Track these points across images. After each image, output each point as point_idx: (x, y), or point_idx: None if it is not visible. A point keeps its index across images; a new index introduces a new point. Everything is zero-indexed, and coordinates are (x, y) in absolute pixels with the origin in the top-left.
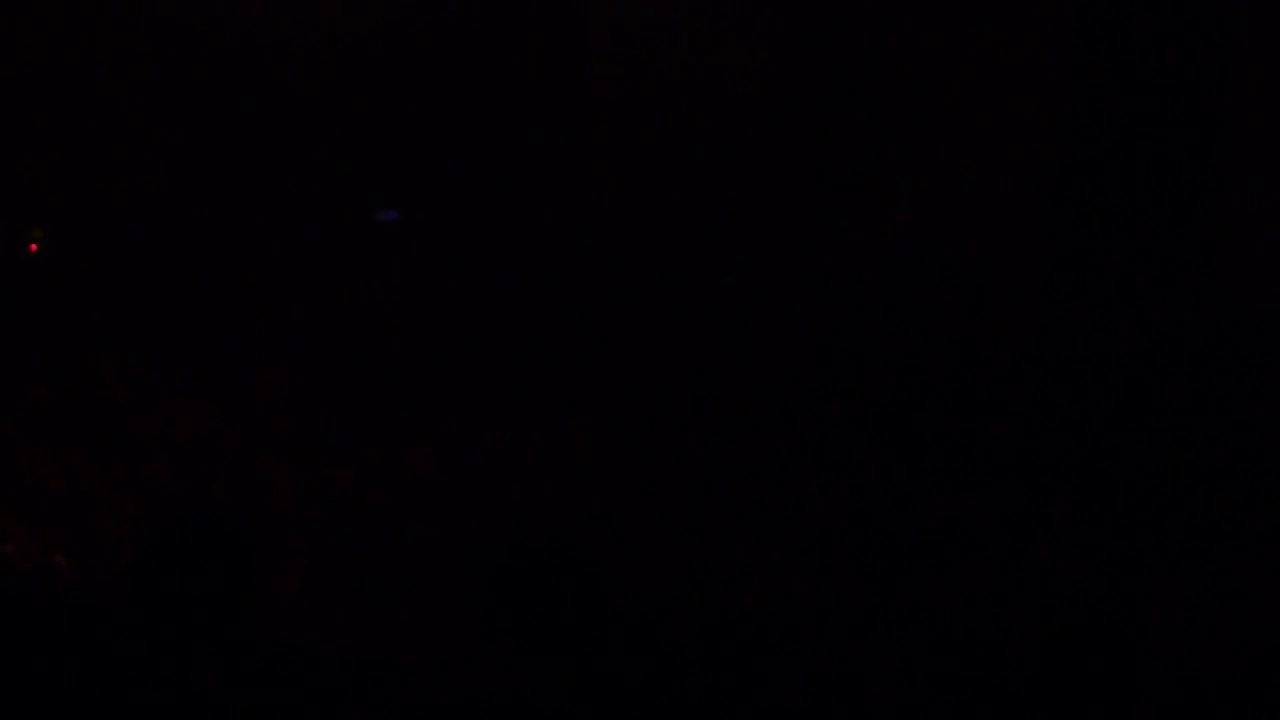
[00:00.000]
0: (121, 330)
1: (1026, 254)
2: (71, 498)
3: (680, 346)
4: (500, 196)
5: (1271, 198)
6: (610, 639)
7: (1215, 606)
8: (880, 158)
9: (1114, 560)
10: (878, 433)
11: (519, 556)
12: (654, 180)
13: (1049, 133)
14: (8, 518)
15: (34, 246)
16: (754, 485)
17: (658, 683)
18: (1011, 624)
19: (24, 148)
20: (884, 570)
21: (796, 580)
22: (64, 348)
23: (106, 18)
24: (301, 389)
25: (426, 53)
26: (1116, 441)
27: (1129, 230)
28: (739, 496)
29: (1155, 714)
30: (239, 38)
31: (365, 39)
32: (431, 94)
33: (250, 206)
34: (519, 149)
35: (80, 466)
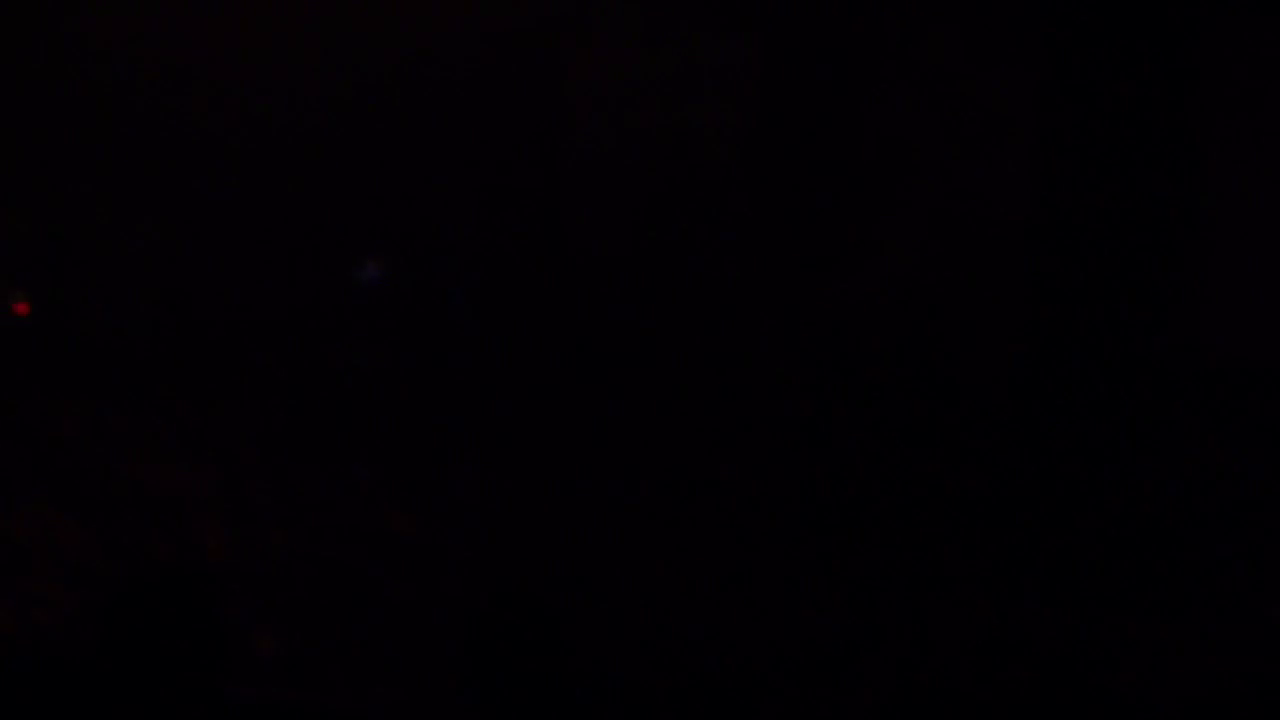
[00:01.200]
0: (97, 386)
1: (1001, 309)
2: (47, 553)
3: (652, 401)
4: (477, 249)
5: (1247, 253)
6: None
7: (1175, 652)
8: (856, 215)
9: (1080, 612)
10: (852, 482)
11: (489, 620)
12: (630, 236)
13: (1023, 188)
14: None
15: (23, 308)
16: (727, 545)
17: None
18: (982, 671)
19: None
20: (853, 614)
21: (775, 632)
22: (38, 404)
23: (76, 74)
24: (279, 447)
25: (405, 113)
26: (1087, 494)
27: (1103, 285)
28: (716, 553)
29: None
30: (217, 101)
31: (344, 101)
32: (409, 153)
33: (229, 264)
34: (496, 205)
35: (56, 522)
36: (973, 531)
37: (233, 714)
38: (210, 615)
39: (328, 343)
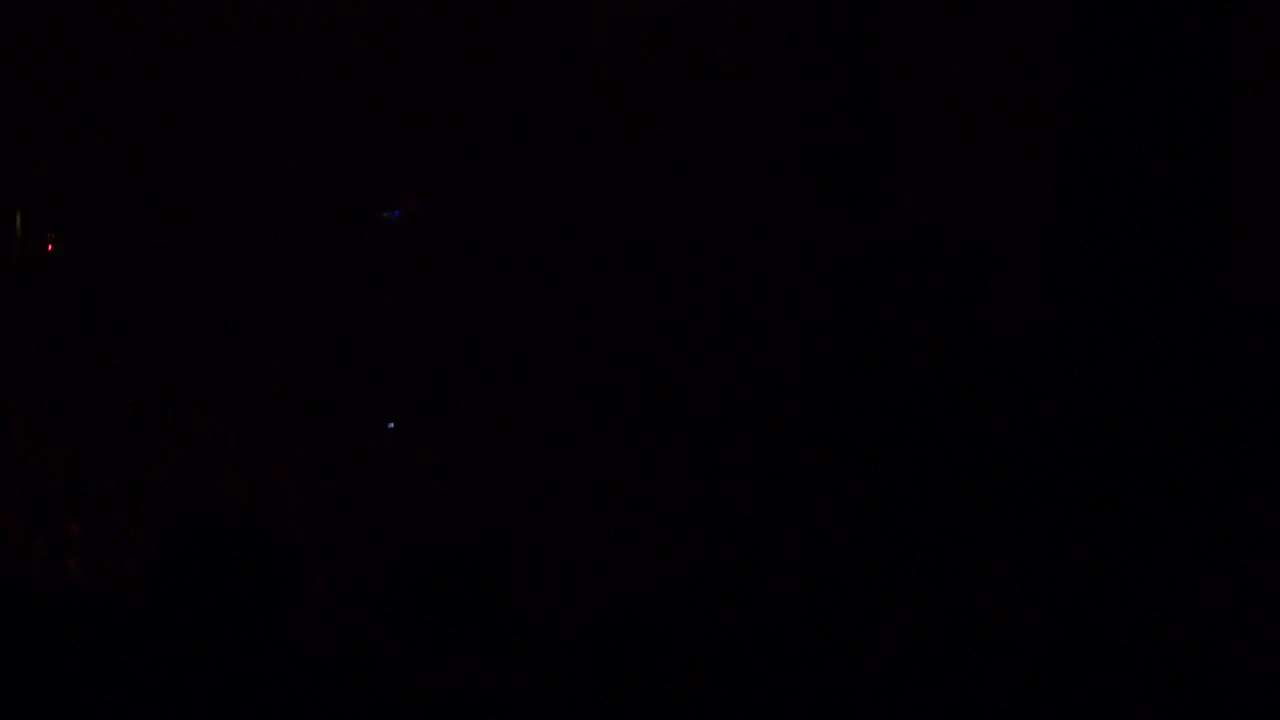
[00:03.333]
0: (128, 332)
1: (1029, 245)
2: (81, 502)
3: (684, 342)
4: (504, 194)
5: (1276, 187)
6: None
7: (1218, 598)
8: (883, 151)
9: (1116, 551)
10: (879, 424)
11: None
12: (657, 176)
13: (1051, 123)
14: (15, 521)
15: (50, 246)
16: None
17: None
18: (1014, 616)
19: (33, 151)
20: (879, 560)
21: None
22: (71, 351)
23: (110, 20)
24: (306, 390)
25: (430, 51)
26: (1119, 430)
27: (1132, 220)
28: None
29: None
30: (242, 38)
31: (369, 39)
32: (434, 92)
33: (255, 206)
34: (522, 145)
35: (89, 470)
36: (1002, 465)
37: (290, 660)
38: (257, 561)
39: (356, 283)
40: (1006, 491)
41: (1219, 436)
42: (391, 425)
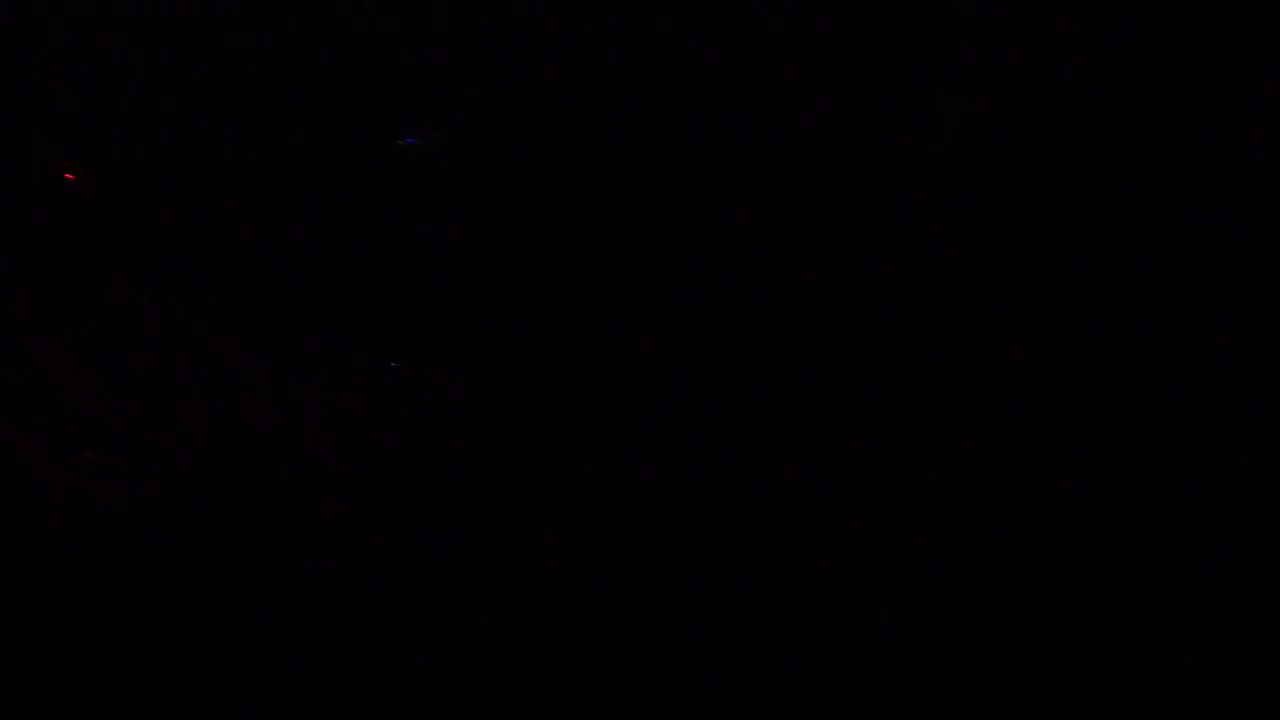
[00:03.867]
0: (154, 260)
1: (1052, 175)
2: (104, 426)
3: (702, 270)
4: (522, 118)
5: None
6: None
7: (1232, 549)
8: (903, 80)
9: (1133, 494)
10: (896, 356)
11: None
12: (674, 103)
13: (1075, 53)
14: (41, 446)
15: (70, 175)
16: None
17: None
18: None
19: (52, 74)
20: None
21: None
22: (91, 277)
23: None
24: (329, 317)
25: None
26: (1140, 368)
27: (1156, 151)
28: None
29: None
30: None
31: None
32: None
33: (270, 133)
34: (540, 70)
35: (112, 395)
36: (1018, 405)
37: (301, 589)
38: (277, 491)
39: (377, 209)
40: (1024, 424)
41: (1236, 370)
42: (395, 364)
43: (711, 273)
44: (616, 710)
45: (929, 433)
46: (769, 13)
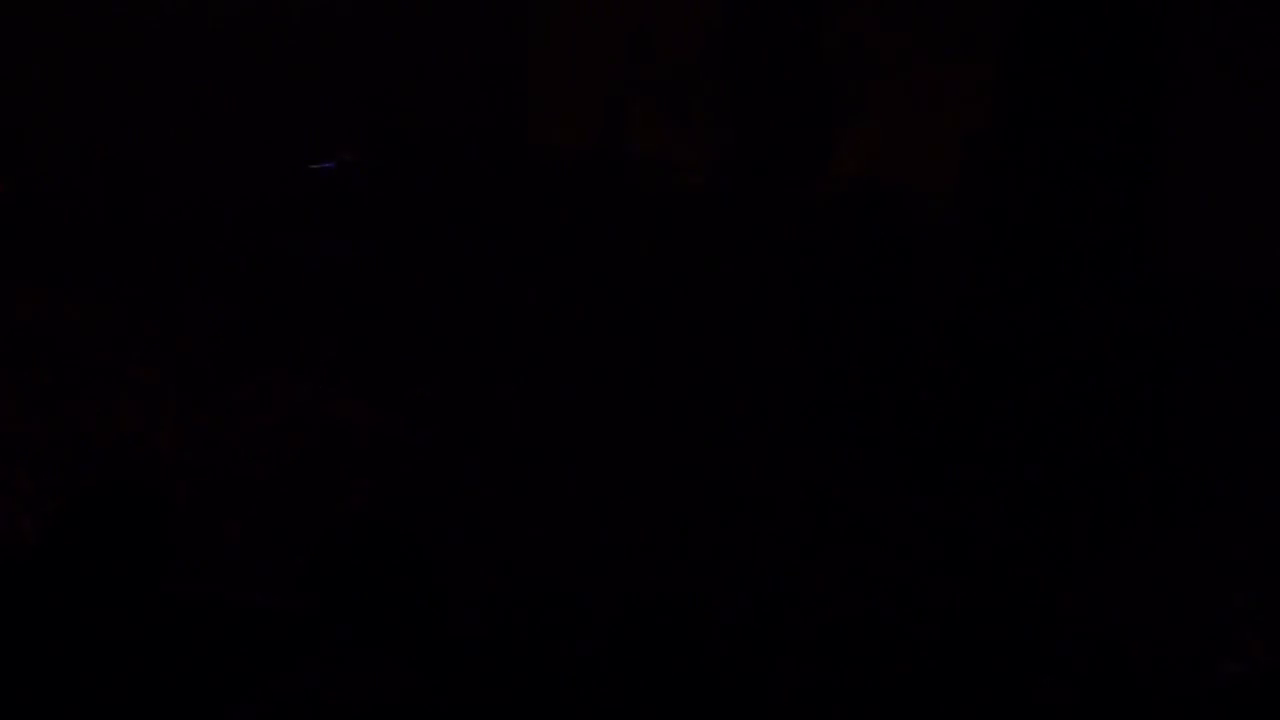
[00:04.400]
0: (58, 276)
1: (963, 218)
2: (9, 440)
3: (621, 293)
4: (437, 146)
5: (1216, 167)
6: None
7: (1128, 586)
8: (819, 119)
9: (1038, 540)
10: (797, 403)
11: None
12: (594, 134)
13: (985, 98)
14: None
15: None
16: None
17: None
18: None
19: None
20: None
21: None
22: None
23: None
24: (234, 338)
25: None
26: (1051, 413)
27: (1068, 196)
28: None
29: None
30: None
31: None
32: (369, 40)
33: (193, 155)
34: (457, 100)
35: (10, 411)
36: (942, 451)
37: (179, 613)
38: (158, 513)
39: (289, 232)
40: (923, 458)
41: (1161, 412)
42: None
43: (628, 290)
44: None
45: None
46: (690, 54)
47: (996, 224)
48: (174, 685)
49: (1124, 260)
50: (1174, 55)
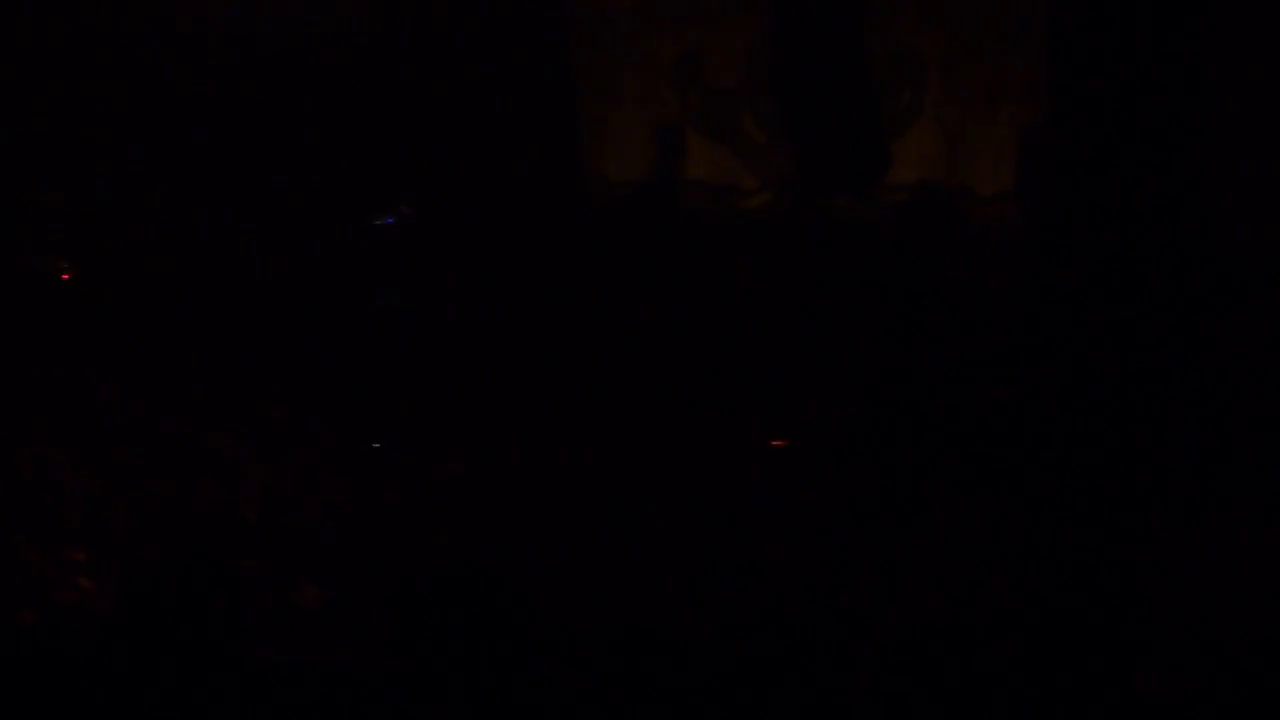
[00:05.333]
0: (128, 350)
1: (1024, 217)
2: (96, 522)
3: (679, 333)
4: (494, 197)
5: (1264, 142)
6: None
7: (1219, 573)
8: (873, 130)
9: (1114, 528)
10: (868, 398)
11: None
12: (645, 168)
13: (1036, 96)
14: (25, 541)
15: (65, 275)
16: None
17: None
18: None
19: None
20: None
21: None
22: (73, 369)
23: (90, 23)
24: (307, 399)
25: (413, 53)
26: (1112, 398)
27: (1125, 188)
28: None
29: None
30: (226, 41)
31: (351, 42)
32: (421, 93)
33: (245, 213)
34: (510, 146)
35: (92, 488)
36: (987, 432)
37: (261, 676)
38: (228, 580)
39: (352, 290)
40: (1002, 463)
41: (1218, 390)
42: (377, 445)
43: (688, 331)
44: None
45: (905, 483)
46: (738, 72)
47: (1055, 219)
48: None
49: (1182, 248)
50: (1225, 38)
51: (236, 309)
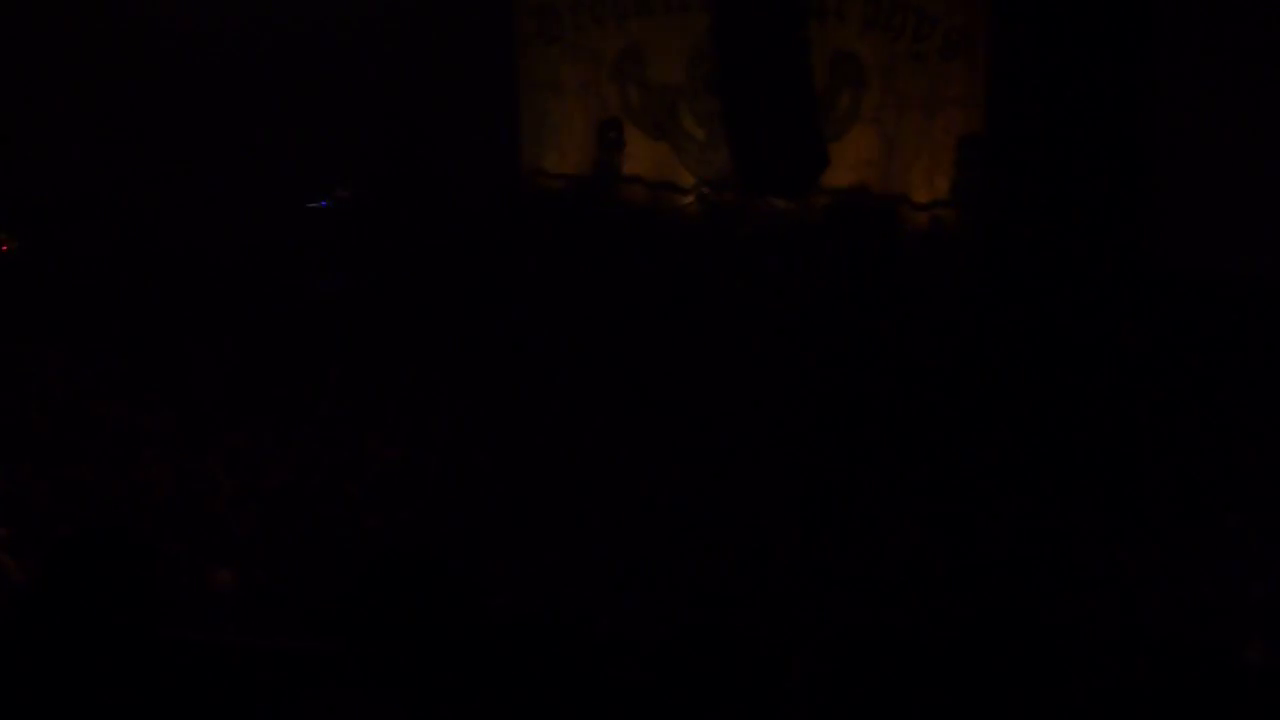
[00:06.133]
0: (57, 328)
1: (955, 220)
2: (5, 495)
3: (622, 319)
4: (431, 177)
5: (1202, 163)
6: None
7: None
8: (811, 132)
9: (1050, 530)
10: (803, 407)
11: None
12: (583, 161)
13: (976, 100)
14: None
15: (3, 247)
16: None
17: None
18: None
19: None
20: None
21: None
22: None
23: (40, 16)
24: (243, 380)
25: (356, 40)
26: (1044, 403)
27: (1059, 197)
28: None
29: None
30: (166, 28)
31: (294, 29)
32: (363, 81)
33: (186, 193)
34: (450, 134)
35: (13, 465)
36: (940, 443)
37: (171, 656)
38: (147, 557)
39: (288, 271)
40: (935, 466)
41: (1149, 396)
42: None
43: (633, 315)
44: None
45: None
46: (677, 74)
47: (990, 227)
48: None
49: (1118, 256)
50: (1163, 52)
51: (174, 289)
